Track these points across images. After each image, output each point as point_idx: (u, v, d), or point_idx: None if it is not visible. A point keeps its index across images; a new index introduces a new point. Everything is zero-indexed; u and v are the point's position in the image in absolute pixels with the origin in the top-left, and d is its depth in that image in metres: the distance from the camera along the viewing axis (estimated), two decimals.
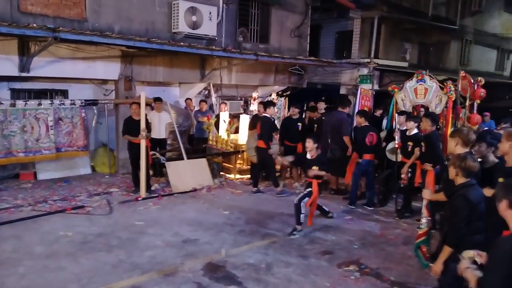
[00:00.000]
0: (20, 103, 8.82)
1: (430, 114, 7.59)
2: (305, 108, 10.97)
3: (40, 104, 9.04)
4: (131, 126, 8.29)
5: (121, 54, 9.78)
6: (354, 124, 8.89)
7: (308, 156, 6.78)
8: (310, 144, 6.71)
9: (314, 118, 10.01)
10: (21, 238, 6.08)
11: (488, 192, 3.92)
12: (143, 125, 8.16)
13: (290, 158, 7.79)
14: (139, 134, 8.14)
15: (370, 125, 8.28)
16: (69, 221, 6.81)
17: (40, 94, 9.69)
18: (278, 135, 9.53)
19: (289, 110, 9.55)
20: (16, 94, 9.39)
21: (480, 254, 3.03)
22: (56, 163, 9.55)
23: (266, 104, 9.19)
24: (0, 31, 7.20)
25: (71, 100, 9.56)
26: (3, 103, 8.58)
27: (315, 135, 7.33)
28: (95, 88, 10.51)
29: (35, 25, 7.68)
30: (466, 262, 3.01)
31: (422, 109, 9.19)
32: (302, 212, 6.55)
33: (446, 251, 3.76)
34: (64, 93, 10.15)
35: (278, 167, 9.80)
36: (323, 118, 9.60)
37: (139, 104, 8.29)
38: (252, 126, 9.72)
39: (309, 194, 6.61)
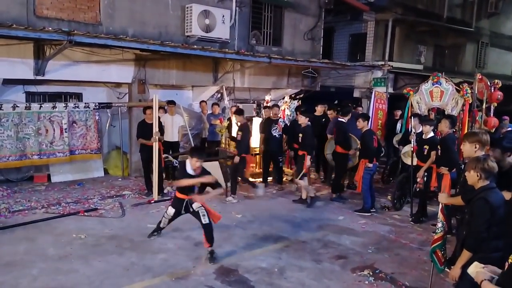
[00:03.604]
0: (35, 106, 8.89)
1: (450, 116, 7.49)
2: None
3: (54, 107, 9.11)
4: (145, 129, 8.33)
5: (135, 57, 9.83)
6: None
7: (192, 172, 5.66)
8: (193, 162, 5.60)
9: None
10: (34, 240, 6.10)
11: (507, 195, 3.90)
12: (156, 128, 8.17)
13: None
14: (152, 137, 8.16)
15: (370, 129, 8.30)
16: (82, 224, 6.83)
17: (55, 97, 9.80)
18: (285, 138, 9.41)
19: (297, 111, 9.43)
20: (31, 97, 9.51)
21: (493, 270, 3.00)
22: (70, 165, 9.61)
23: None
24: (17, 34, 7.29)
25: (85, 103, 9.61)
26: (18, 106, 8.66)
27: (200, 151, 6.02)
28: (109, 91, 10.60)
29: (50, 28, 7.75)
30: (482, 274, 2.97)
31: (432, 113, 9.17)
32: None
33: (465, 255, 3.68)
34: (79, 96, 10.25)
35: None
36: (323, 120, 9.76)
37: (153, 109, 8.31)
38: (263, 130, 9.62)
39: None
